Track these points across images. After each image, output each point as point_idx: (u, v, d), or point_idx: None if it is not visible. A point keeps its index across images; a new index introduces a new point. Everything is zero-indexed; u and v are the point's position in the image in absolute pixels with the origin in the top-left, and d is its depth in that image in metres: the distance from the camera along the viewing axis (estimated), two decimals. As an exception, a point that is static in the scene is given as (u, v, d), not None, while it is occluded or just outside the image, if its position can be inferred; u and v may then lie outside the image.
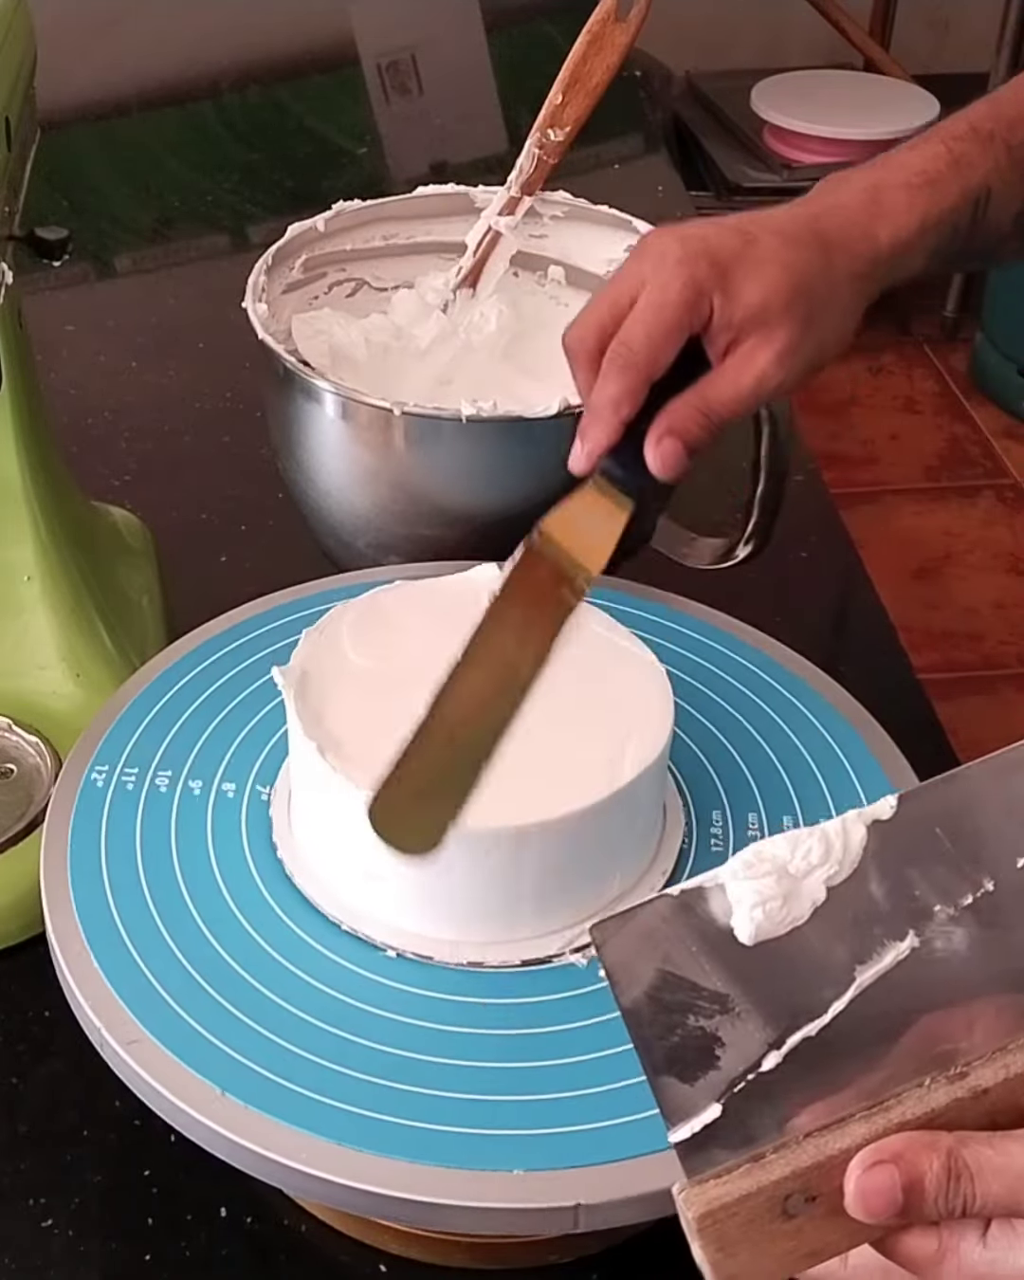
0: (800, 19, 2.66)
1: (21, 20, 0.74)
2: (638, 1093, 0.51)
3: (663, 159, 1.40)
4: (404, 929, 0.55)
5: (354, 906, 0.56)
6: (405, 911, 0.55)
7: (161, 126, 1.45)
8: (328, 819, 0.56)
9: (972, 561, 2.13)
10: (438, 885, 0.54)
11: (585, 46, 0.77)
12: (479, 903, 0.55)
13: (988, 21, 2.34)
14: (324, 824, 0.57)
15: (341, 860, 0.56)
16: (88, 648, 0.74)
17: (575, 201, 0.84)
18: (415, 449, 0.72)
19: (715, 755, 0.63)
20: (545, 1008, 0.53)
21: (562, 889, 0.55)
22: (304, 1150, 0.49)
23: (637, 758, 0.55)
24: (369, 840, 0.49)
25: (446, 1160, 0.49)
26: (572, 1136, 0.50)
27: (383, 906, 0.56)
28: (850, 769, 0.62)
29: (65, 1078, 0.63)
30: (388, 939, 0.55)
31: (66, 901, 0.56)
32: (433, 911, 0.55)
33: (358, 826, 0.52)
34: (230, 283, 0.79)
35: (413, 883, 0.55)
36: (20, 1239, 0.58)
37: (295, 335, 0.78)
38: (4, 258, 0.68)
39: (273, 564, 0.82)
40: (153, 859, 0.58)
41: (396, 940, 0.55)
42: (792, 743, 0.64)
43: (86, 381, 1.04)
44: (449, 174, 1.05)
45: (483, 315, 0.82)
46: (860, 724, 0.65)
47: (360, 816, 0.50)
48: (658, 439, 0.62)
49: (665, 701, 0.58)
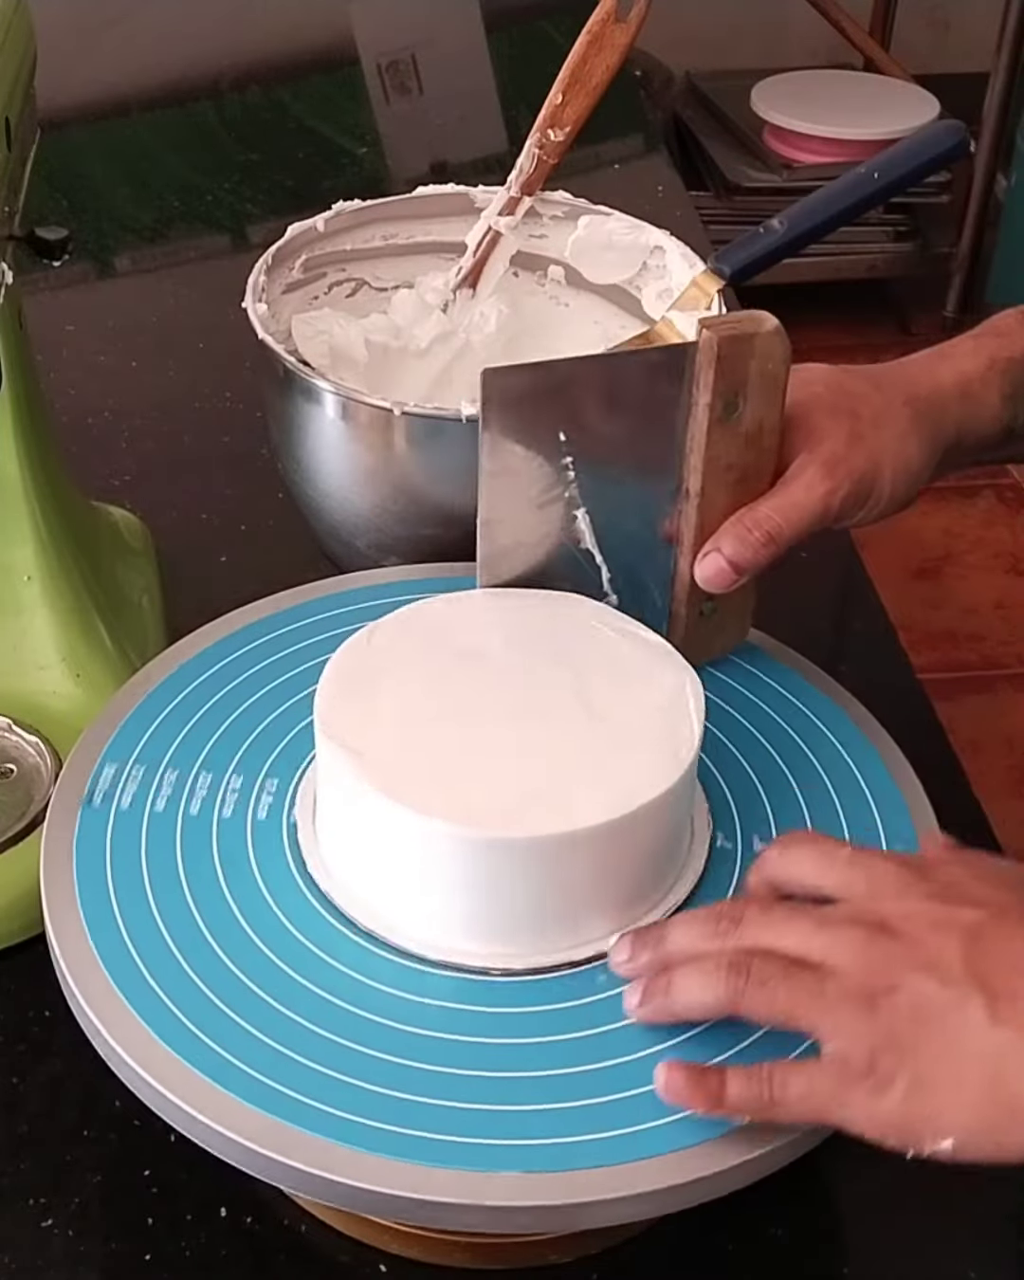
0: (800, 19, 2.66)
1: (21, 20, 0.74)
2: (639, 1102, 0.51)
3: (663, 159, 1.40)
4: (406, 932, 0.55)
5: (360, 908, 0.56)
6: (409, 915, 0.55)
7: (161, 126, 1.45)
8: (342, 822, 0.56)
9: (972, 561, 2.13)
10: (456, 892, 0.54)
11: (585, 46, 0.77)
12: (490, 911, 0.55)
13: (988, 21, 2.34)
14: (336, 826, 0.57)
15: (353, 864, 0.56)
16: (88, 648, 0.74)
17: (575, 201, 0.84)
18: (415, 449, 0.72)
19: (719, 755, 0.63)
20: (546, 1017, 0.53)
21: (582, 902, 0.55)
22: (304, 1150, 0.49)
23: (669, 767, 0.55)
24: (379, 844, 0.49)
25: (447, 1160, 0.49)
26: (572, 1138, 0.50)
27: (389, 910, 0.56)
28: (860, 778, 0.63)
29: (65, 1078, 0.63)
30: (388, 940, 0.55)
31: (67, 901, 0.56)
32: (438, 917, 0.55)
33: (372, 830, 0.52)
34: (230, 283, 0.79)
35: (424, 887, 0.55)
36: (20, 1239, 0.58)
37: (295, 335, 0.78)
38: (4, 258, 0.68)
39: (273, 564, 0.82)
40: (154, 859, 0.58)
41: (396, 943, 0.55)
42: (797, 746, 0.64)
43: (86, 381, 1.04)
44: (449, 174, 1.05)
45: (483, 315, 0.82)
46: (864, 724, 0.65)
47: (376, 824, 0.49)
48: (703, 554, 0.63)
49: (699, 701, 0.58)
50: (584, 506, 0.62)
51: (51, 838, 0.59)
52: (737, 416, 0.60)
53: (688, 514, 0.63)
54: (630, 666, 0.59)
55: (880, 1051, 0.47)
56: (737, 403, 0.60)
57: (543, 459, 0.61)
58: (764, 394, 0.60)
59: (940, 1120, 0.46)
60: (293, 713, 0.63)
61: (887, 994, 0.47)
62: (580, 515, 0.62)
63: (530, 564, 0.63)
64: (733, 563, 0.62)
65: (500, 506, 0.62)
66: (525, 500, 0.62)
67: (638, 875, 0.56)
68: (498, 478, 0.61)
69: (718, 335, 0.59)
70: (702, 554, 0.63)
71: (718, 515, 0.62)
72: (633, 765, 0.55)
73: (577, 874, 0.54)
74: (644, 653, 0.60)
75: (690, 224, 1.20)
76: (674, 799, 0.55)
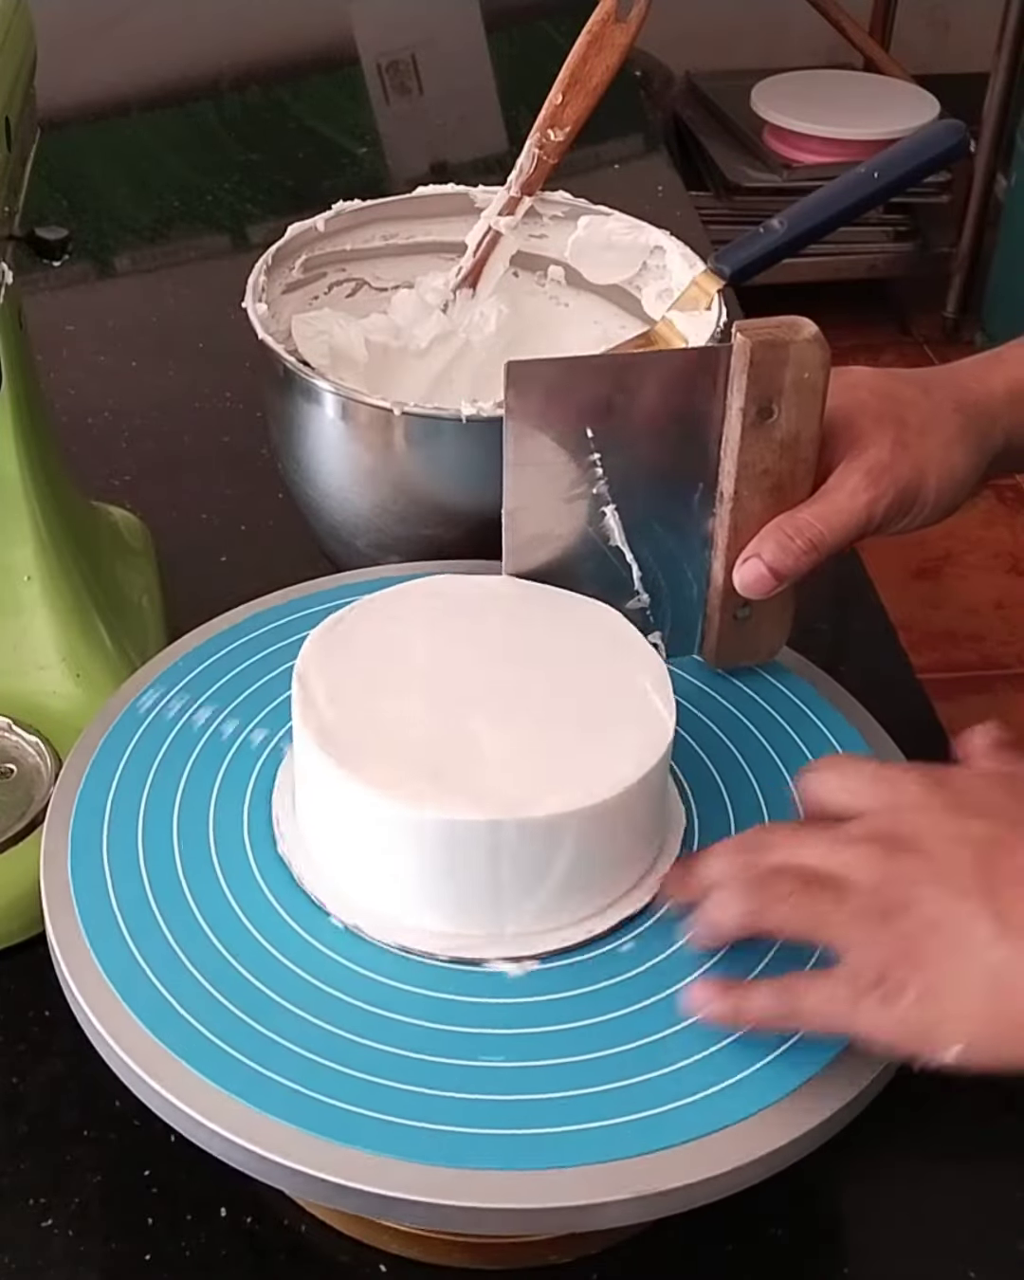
0: (800, 19, 2.66)
1: (21, 20, 0.74)
2: (637, 1093, 0.51)
3: (663, 159, 1.40)
4: (404, 925, 0.55)
5: (356, 904, 0.56)
6: (407, 908, 0.55)
7: (161, 126, 1.45)
8: (329, 815, 0.56)
9: (972, 561, 2.13)
10: (440, 879, 0.54)
11: (585, 46, 0.77)
12: (480, 897, 0.55)
13: (988, 21, 2.35)
14: (326, 821, 0.57)
15: (347, 858, 0.56)
16: (88, 648, 0.74)
17: (575, 201, 0.84)
18: (415, 449, 0.72)
19: (711, 747, 0.64)
20: (544, 1007, 0.53)
21: (571, 886, 0.55)
22: (304, 1150, 0.49)
23: (641, 753, 0.55)
24: (371, 835, 0.49)
25: (447, 1160, 0.49)
26: (571, 1136, 0.50)
27: (384, 903, 0.56)
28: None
29: (65, 1078, 0.63)
30: (388, 936, 0.55)
31: (67, 901, 0.56)
32: (435, 908, 0.55)
33: (360, 821, 0.52)
34: (230, 283, 0.79)
35: (413, 876, 0.55)
36: (20, 1239, 0.58)
37: (295, 335, 0.78)
38: (4, 258, 0.68)
39: (273, 564, 0.82)
40: (154, 859, 0.58)
41: (396, 938, 0.55)
42: (792, 740, 0.64)
43: (86, 381, 1.04)
44: (449, 174, 1.05)
45: (483, 315, 0.82)
46: (862, 724, 0.65)
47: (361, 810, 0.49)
48: (743, 559, 0.62)
49: (666, 688, 0.58)
50: (613, 503, 0.62)
51: (51, 838, 0.59)
52: (772, 423, 0.60)
53: (722, 517, 0.62)
54: (598, 648, 0.60)
55: (893, 963, 0.49)
56: (772, 409, 0.59)
57: (569, 454, 0.60)
58: (801, 402, 0.59)
59: (947, 1029, 0.48)
60: (288, 708, 0.63)
61: (901, 908, 0.49)
62: (609, 512, 0.62)
63: (557, 556, 0.63)
64: (773, 569, 0.62)
65: (525, 496, 0.61)
66: (551, 492, 0.61)
67: (624, 856, 0.56)
68: (523, 468, 0.60)
69: (752, 340, 0.58)
70: (741, 559, 0.62)
71: (752, 520, 0.62)
72: (610, 747, 0.55)
73: (556, 855, 0.54)
74: (609, 634, 0.60)
75: (690, 224, 1.20)
76: (651, 783, 0.55)
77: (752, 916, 0.51)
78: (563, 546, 0.63)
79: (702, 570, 0.64)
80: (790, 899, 0.51)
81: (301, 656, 0.58)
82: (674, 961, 0.55)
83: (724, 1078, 0.51)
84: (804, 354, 0.59)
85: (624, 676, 0.59)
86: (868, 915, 0.50)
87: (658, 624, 0.65)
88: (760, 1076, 0.51)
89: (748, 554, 0.62)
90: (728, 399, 0.60)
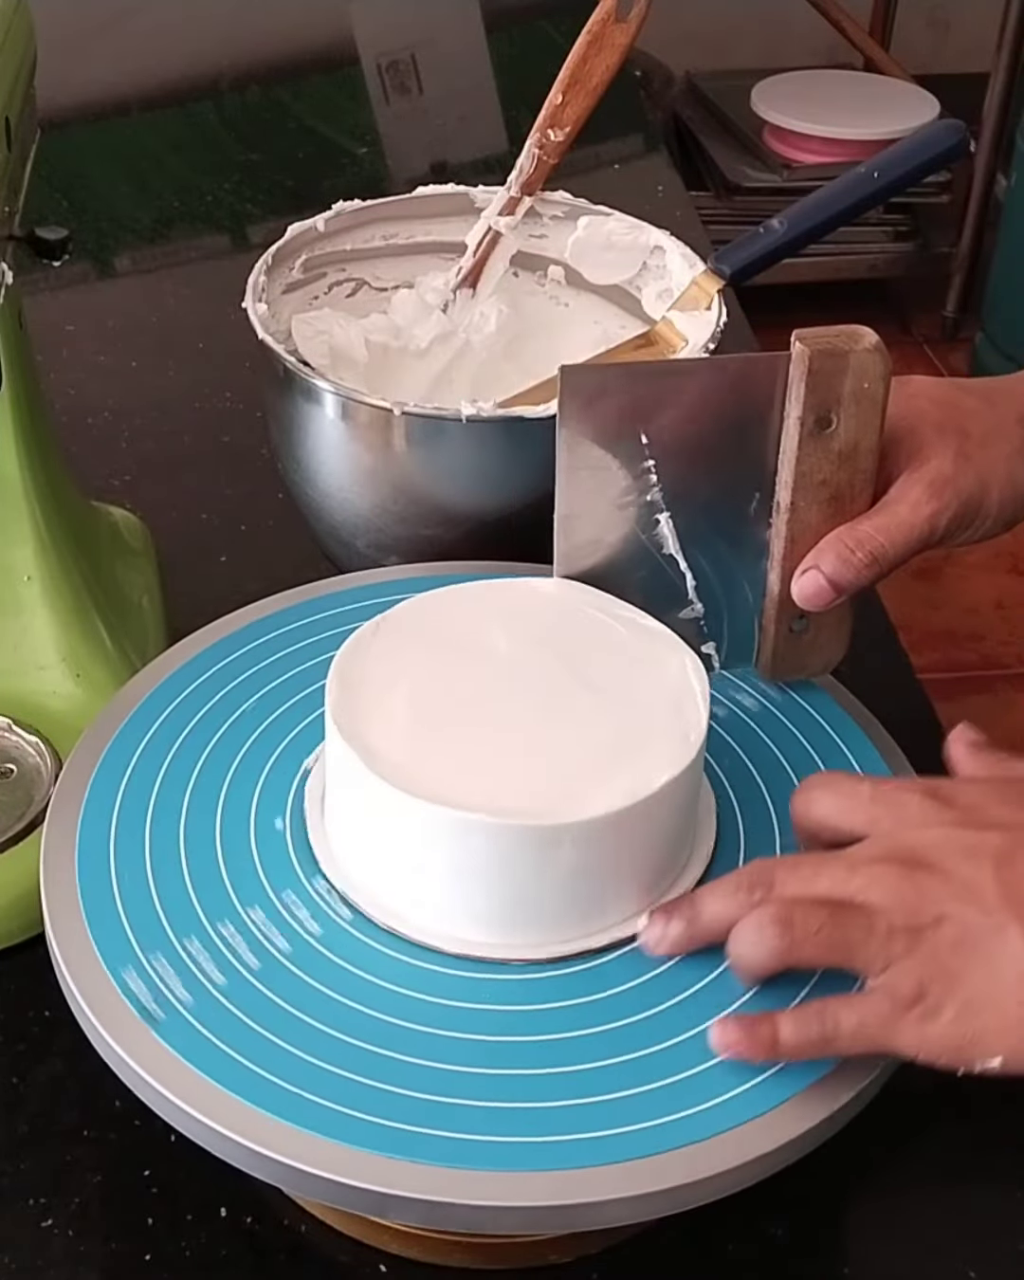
0: (800, 19, 2.66)
1: (21, 20, 0.74)
2: (639, 1101, 0.51)
3: (663, 159, 1.40)
4: (418, 924, 0.55)
5: (370, 904, 0.56)
6: (418, 910, 0.55)
7: (161, 126, 1.45)
8: (360, 818, 0.56)
9: (972, 561, 2.13)
10: (462, 883, 0.54)
11: (585, 46, 0.77)
12: (497, 902, 0.55)
13: (988, 21, 2.35)
14: (353, 823, 0.57)
15: (368, 860, 0.56)
16: (88, 648, 0.74)
17: (575, 201, 0.84)
18: (415, 449, 0.72)
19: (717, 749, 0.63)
20: (547, 1015, 0.53)
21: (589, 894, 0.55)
22: (304, 1150, 0.49)
23: (679, 751, 0.55)
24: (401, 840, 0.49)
25: (447, 1160, 0.49)
26: (572, 1138, 0.50)
27: (395, 904, 0.56)
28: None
29: (65, 1078, 0.63)
30: (399, 934, 0.55)
31: (67, 901, 0.56)
32: (445, 912, 0.55)
33: (392, 825, 0.52)
34: (230, 283, 0.79)
35: (434, 881, 0.55)
36: (20, 1239, 0.58)
37: (295, 335, 0.78)
38: (4, 258, 0.68)
39: (273, 564, 0.82)
40: (157, 858, 0.58)
41: (408, 936, 0.55)
42: (800, 744, 0.64)
43: (86, 381, 1.04)
44: (449, 174, 1.06)
45: (483, 315, 0.82)
46: (865, 725, 0.65)
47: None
48: (802, 570, 0.61)
49: (703, 684, 0.58)
50: (667, 511, 0.61)
51: (51, 838, 0.59)
52: (830, 433, 0.59)
53: (778, 527, 0.61)
54: (633, 652, 0.59)
55: (928, 981, 0.49)
56: (830, 419, 0.59)
57: (623, 460, 0.60)
58: (860, 412, 0.59)
59: (986, 1042, 0.49)
60: (294, 712, 0.63)
61: (932, 926, 0.50)
62: (663, 519, 0.61)
63: (610, 563, 0.62)
64: (833, 582, 0.61)
65: (578, 502, 0.60)
66: (605, 499, 0.61)
67: (654, 860, 0.56)
68: (576, 473, 0.60)
69: (811, 349, 0.57)
70: (799, 570, 0.62)
71: (809, 532, 0.61)
72: (644, 750, 0.55)
73: (596, 861, 0.54)
74: (645, 638, 0.60)
75: (690, 224, 1.20)
76: (687, 782, 0.55)
77: (785, 954, 0.51)
78: (615, 553, 0.62)
79: (757, 581, 0.63)
80: (822, 931, 0.50)
81: (341, 656, 0.58)
82: (683, 968, 0.55)
83: (727, 1079, 0.51)
84: (864, 363, 0.58)
85: (655, 673, 0.58)
86: (899, 936, 0.50)
87: (712, 634, 0.64)
88: (762, 1079, 0.51)
89: (807, 565, 0.61)
90: (786, 408, 0.59)
